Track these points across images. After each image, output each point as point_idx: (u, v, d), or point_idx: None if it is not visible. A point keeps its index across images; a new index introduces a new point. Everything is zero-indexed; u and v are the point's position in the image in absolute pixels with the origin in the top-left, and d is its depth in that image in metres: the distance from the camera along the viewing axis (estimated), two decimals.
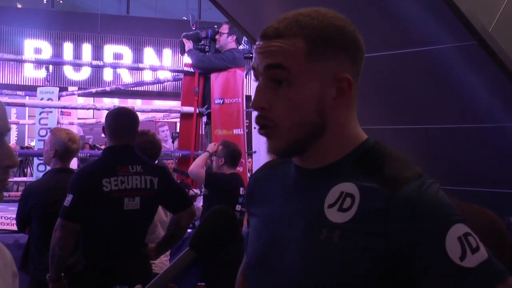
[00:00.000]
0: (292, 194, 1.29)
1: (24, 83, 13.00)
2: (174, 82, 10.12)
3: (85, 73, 13.34)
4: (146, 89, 13.37)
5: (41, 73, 12.80)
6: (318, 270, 1.19)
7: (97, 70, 13.12)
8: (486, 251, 1.14)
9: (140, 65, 10.77)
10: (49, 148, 3.94)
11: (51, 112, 7.76)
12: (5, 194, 4.64)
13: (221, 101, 6.71)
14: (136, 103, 13.23)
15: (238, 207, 5.11)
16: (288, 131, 1.22)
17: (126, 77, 13.50)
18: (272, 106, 1.22)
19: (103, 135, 3.63)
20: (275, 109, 1.22)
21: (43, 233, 3.82)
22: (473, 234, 1.14)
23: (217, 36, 6.76)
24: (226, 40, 6.73)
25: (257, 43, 1.26)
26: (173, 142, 8.92)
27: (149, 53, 13.85)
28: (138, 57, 13.64)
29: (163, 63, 13.63)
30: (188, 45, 6.84)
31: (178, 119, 7.56)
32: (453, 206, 1.16)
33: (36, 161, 7.78)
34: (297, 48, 1.21)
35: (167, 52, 13.97)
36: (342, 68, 1.22)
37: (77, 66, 12.76)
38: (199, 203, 6.64)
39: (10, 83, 12.91)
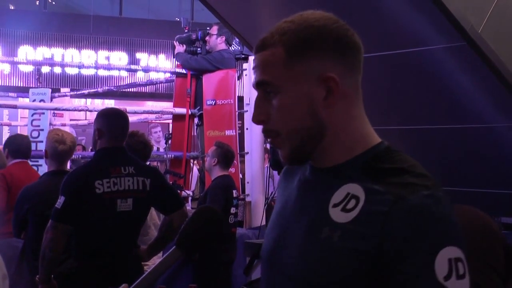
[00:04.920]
0: (302, 191, 1.31)
1: (16, 84, 12.96)
2: (166, 83, 10.11)
3: (77, 75, 13.29)
4: (139, 90, 13.32)
5: (33, 74, 12.74)
6: (312, 267, 1.20)
7: (90, 71, 13.08)
8: (469, 283, 1.13)
9: (133, 67, 10.75)
10: (45, 148, 3.93)
11: (43, 113, 7.73)
12: None
13: (213, 102, 6.70)
14: (131, 105, 13.17)
15: (232, 210, 5.09)
16: (288, 138, 1.24)
17: (119, 78, 13.46)
18: (270, 118, 1.25)
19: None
20: (273, 119, 1.25)
21: (39, 236, 3.78)
22: (464, 262, 1.13)
23: (207, 38, 6.75)
24: (216, 42, 6.72)
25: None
26: (166, 143, 8.93)
27: (142, 54, 13.82)
28: (131, 58, 13.61)
29: (156, 64, 13.60)
30: (178, 48, 6.83)
31: (171, 121, 7.55)
32: (456, 226, 1.15)
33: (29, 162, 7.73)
34: (276, 56, 1.23)
35: (160, 54, 13.95)
36: (326, 67, 1.22)
37: (69, 67, 12.73)
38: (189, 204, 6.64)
39: (2, 84, 12.86)
